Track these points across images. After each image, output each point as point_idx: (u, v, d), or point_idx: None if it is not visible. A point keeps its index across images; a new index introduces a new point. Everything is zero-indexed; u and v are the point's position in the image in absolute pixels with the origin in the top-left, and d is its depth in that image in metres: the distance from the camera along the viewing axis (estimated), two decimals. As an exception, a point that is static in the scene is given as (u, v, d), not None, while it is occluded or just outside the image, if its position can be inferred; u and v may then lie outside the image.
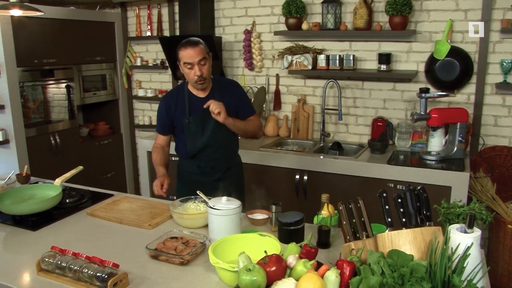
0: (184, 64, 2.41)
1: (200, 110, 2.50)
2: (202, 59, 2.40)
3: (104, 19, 4.48)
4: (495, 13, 3.19)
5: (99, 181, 4.30)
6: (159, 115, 2.64)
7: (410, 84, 3.55)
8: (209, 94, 2.56)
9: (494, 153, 3.35)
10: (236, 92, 2.66)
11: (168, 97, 2.65)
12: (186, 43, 2.41)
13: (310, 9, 3.79)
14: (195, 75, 2.41)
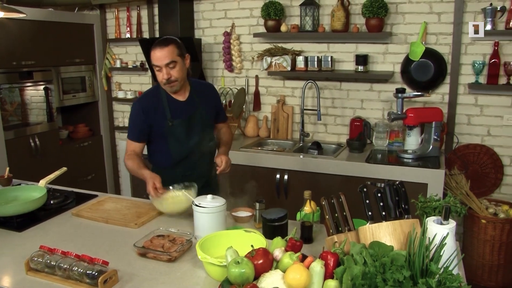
0: (153, 66, 2.30)
1: (183, 113, 2.39)
2: (171, 62, 2.24)
3: (82, 21, 4.46)
4: (467, 16, 3.31)
5: (79, 183, 4.27)
6: (133, 121, 2.40)
7: (387, 84, 3.65)
8: (189, 98, 2.44)
9: (467, 151, 3.48)
10: (215, 96, 2.61)
11: (143, 100, 2.42)
12: (156, 44, 2.27)
13: (289, 11, 3.86)
14: (163, 78, 2.28)
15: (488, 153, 3.43)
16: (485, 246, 3.20)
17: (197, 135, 2.43)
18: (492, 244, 3.17)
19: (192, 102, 2.43)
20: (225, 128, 2.72)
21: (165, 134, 2.38)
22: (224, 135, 2.68)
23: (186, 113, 2.40)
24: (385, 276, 1.15)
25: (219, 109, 2.64)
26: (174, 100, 2.41)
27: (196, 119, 2.43)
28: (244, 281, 1.24)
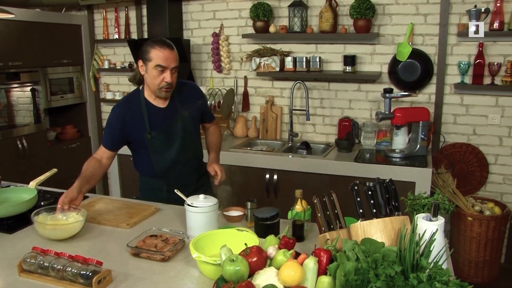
0: (155, 66, 2.12)
1: (161, 122, 2.27)
2: (176, 67, 2.17)
3: (70, 22, 4.44)
4: (452, 18, 3.38)
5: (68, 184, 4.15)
6: (109, 127, 2.30)
7: (374, 85, 3.70)
8: (170, 104, 2.31)
9: (454, 150, 3.54)
10: (199, 96, 2.47)
11: (121, 107, 2.29)
12: (162, 43, 2.14)
13: (277, 12, 3.89)
14: (164, 80, 2.15)
15: (473, 152, 3.49)
16: (471, 243, 3.26)
17: (178, 143, 2.32)
18: (478, 240, 3.23)
19: (173, 108, 2.30)
20: (213, 127, 2.63)
21: (145, 145, 2.29)
22: (212, 135, 2.61)
23: (165, 122, 2.28)
24: (377, 271, 1.18)
25: (205, 108, 2.52)
26: (154, 108, 2.28)
27: (177, 127, 2.31)
28: (239, 279, 1.26)
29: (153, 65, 2.13)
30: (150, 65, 2.14)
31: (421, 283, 1.14)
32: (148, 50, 2.14)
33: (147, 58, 2.15)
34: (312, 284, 1.27)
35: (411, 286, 1.13)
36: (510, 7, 3.22)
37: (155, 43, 2.15)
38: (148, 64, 2.15)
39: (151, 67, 2.14)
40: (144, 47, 2.18)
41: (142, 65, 2.20)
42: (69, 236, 1.90)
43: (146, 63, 2.16)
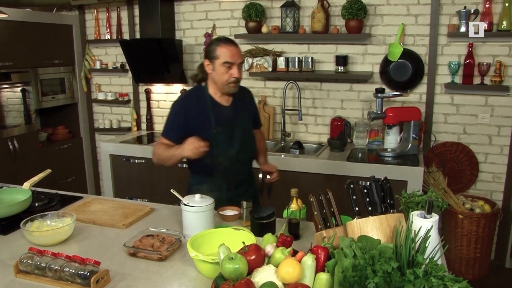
0: (223, 63, 2.17)
1: (226, 120, 2.30)
2: (242, 62, 2.25)
3: (61, 22, 4.42)
4: (442, 19, 3.42)
5: (59, 185, 4.23)
6: (173, 120, 2.30)
7: (366, 84, 3.73)
8: (232, 103, 2.35)
9: (445, 149, 3.59)
10: (253, 101, 2.54)
11: (188, 102, 2.32)
12: (226, 41, 2.22)
13: (270, 13, 3.91)
14: (232, 76, 2.20)
15: (464, 151, 3.54)
16: (462, 240, 3.31)
17: (239, 142, 2.34)
18: (469, 238, 3.28)
19: (235, 108, 2.34)
20: (259, 134, 2.61)
21: (209, 140, 2.20)
22: (260, 142, 2.58)
23: (230, 120, 2.31)
24: (374, 267, 1.20)
25: (256, 114, 2.56)
26: (219, 105, 2.31)
27: (239, 126, 2.34)
28: (238, 277, 1.27)
29: (221, 62, 2.18)
30: (218, 62, 2.19)
31: (417, 279, 1.16)
32: (214, 49, 2.20)
33: (214, 56, 2.20)
34: (310, 281, 1.28)
35: (408, 281, 1.15)
36: (499, 8, 3.27)
37: (220, 41, 2.21)
38: (215, 62, 2.20)
39: (218, 65, 2.19)
40: (208, 46, 2.25)
41: (208, 64, 2.24)
42: (59, 241, 1.88)
43: (213, 61, 2.21)
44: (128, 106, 4.65)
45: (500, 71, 3.31)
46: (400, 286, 1.15)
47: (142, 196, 3.88)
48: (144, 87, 4.51)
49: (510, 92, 3.38)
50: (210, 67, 2.24)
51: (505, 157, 3.50)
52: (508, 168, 3.50)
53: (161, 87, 4.48)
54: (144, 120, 4.58)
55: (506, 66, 3.34)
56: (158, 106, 4.55)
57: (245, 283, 1.23)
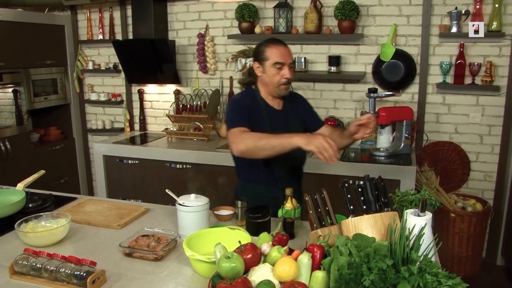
0: (273, 64, 2.10)
1: (280, 124, 2.21)
2: (292, 62, 2.17)
3: (53, 22, 4.40)
4: (434, 19, 3.45)
5: (52, 187, 4.19)
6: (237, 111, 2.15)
7: (359, 84, 3.75)
8: (284, 107, 2.28)
9: (437, 148, 3.62)
10: (305, 103, 2.43)
11: (244, 100, 2.23)
12: (275, 41, 2.15)
13: (263, 13, 3.92)
14: (283, 77, 2.12)
15: (455, 150, 3.58)
16: (454, 238, 3.34)
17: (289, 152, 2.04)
18: (460, 236, 3.31)
19: (287, 112, 2.27)
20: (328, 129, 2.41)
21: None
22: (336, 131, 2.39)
23: (283, 125, 2.21)
24: (369, 265, 1.21)
25: (313, 115, 2.42)
26: (272, 109, 2.24)
27: (291, 131, 2.15)
28: (234, 275, 1.28)
29: (271, 63, 2.12)
30: (268, 64, 2.13)
31: (412, 275, 1.18)
32: (264, 50, 2.14)
33: (264, 57, 2.13)
34: (306, 279, 1.29)
35: (403, 278, 1.17)
36: (489, 9, 3.31)
37: (268, 42, 2.15)
38: (265, 63, 2.14)
39: (269, 66, 2.13)
40: (257, 48, 2.19)
41: (258, 66, 2.18)
42: (54, 242, 1.88)
43: (263, 63, 2.14)
44: (121, 106, 4.64)
45: (491, 71, 3.35)
46: (395, 283, 1.17)
47: (135, 196, 3.87)
48: (137, 87, 4.51)
49: (500, 92, 3.42)
50: (260, 70, 2.17)
51: (496, 156, 3.54)
52: (499, 167, 3.54)
53: (154, 88, 4.48)
54: (137, 120, 4.57)
55: (496, 66, 3.38)
56: (151, 107, 4.54)
57: (242, 282, 1.24)
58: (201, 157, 3.65)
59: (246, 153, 2.00)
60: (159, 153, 3.80)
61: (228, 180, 3.58)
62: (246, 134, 2.02)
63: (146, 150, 3.85)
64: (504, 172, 3.53)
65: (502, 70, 3.39)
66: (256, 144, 1.95)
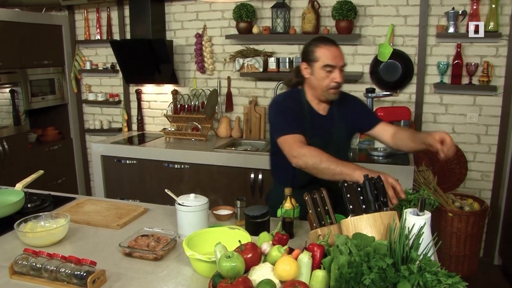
0: (323, 66, 1.95)
1: (321, 130, 2.09)
2: (344, 65, 2.01)
3: (50, 22, 4.39)
4: (431, 19, 3.47)
5: (49, 187, 4.19)
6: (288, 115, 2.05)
7: (356, 84, 3.76)
8: (329, 112, 2.13)
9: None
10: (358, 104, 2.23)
11: (288, 102, 2.10)
12: (326, 41, 1.98)
13: (260, 13, 3.92)
14: (333, 81, 1.97)
15: (453, 150, 3.58)
16: (451, 238, 3.36)
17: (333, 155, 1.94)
18: (458, 235, 3.33)
19: (332, 118, 2.12)
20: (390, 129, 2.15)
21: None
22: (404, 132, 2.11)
23: (326, 131, 2.09)
24: (369, 264, 1.22)
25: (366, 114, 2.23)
26: (315, 113, 2.11)
27: (335, 139, 2.12)
28: (235, 275, 1.28)
29: (321, 66, 1.96)
30: (317, 65, 1.98)
31: (412, 274, 1.18)
32: (313, 50, 1.98)
33: (313, 58, 1.98)
34: (307, 278, 1.30)
35: (403, 277, 1.18)
36: (486, 9, 3.33)
37: (319, 42, 1.99)
38: (314, 65, 1.99)
39: (318, 68, 1.98)
40: (306, 48, 2.03)
41: (306, 67, 2.04)
42: (53, 242, 1.87)
43: (312, 64, 1.99)
44: (118, 106, 4.64)
45: (488, 71, 3.37)
46: (395, 282, 1.17)
47: (133, 197, 3.87)
48: (135, 87, 4.50)
49: (497, 92, 3.44)
50: (308, 71, 2.03)
51: (493, 156, 3.56)
52: (496, 167, 3.56)
53: (151, 88, 4.48)
54: (135, 120, 4.57)
55: (493, 67, 3.40)
56: (149, 107, 4.54)
57: (243, 281, 1.24)
58: (199, 157, 3.65)
59: (305, 170, 1.93)
60: (157, 153, 3.80)
61: (227, 180, 3.59)
62: (306, 149, 1.89)
63: (144, 150, 3.85)
64: (501, 171, 3.55)
65: (499, 70, 3.41)
66: (316, 167, 1.86)
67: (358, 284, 1.18)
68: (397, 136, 2.11)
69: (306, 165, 1.89)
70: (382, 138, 2.18)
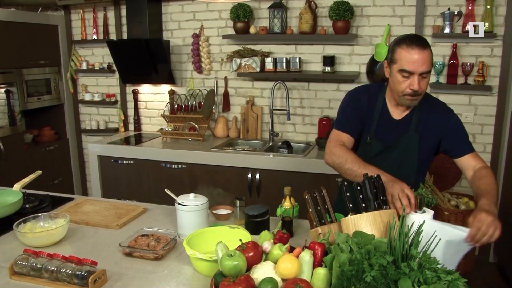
0: (399, 70, 1.79)
1: (388, 134, 1.96)
2: (427, 71, 1.78)
3: (47, 22, 4.38)
4: (427, 20, 3.49)
5: (46, 187, 4.16)
6: (343, 109, 2.02)
7: (353, 84, 3.77)
8: (406, 118, 1.95)
9: (429, 147, 3.65)
10: (451, 126, 1.95)
11: (357, 95, 2.02)
12: (411, 41, 1.76)
13: (257, 13, 3.93)
14: (409, 87, 1.79)
15: (448, 149, 3.61)
16: (448, 237, 3.37)
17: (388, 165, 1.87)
18: (454, 234, 3.34)
19: (406, 125, 1.95)
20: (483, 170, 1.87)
21: (356, 146, 2.01)
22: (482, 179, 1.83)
23: (390, 137, 1.96)
24: (370, 261, 1.23)
25: (454, 138, 1.96)
26: (387, 115, 1.97)
27: (399, 147, 1.96)
28: (237, 273, 1.29)
29: (397, 69, 1.80)
30: (395, 68, 1.82)
31: (412, 271, 1.20)
32: (394, 50, 1.82)
33: (392, 59, 1.83)
34: (308, 276, 1.31)
35: (404, 274, 1.19)
36: (481, 10, 3.35)
37: (403, 42, 1.79)
38: (393, 66, 1.83)
39: (395, 70, 1.82)
40: (391, 45, 1.87)
41: (387, 66, 1.90)
42: (53, 242, 1.88)
43: (391, 65, 1.84)
44: (115, 107, 4.63)
45: (483, 71, 3.39)
46: (396, 279, 1.19)
47: (130, 197, 3.87)
48: (132, 87, 4.50)
49: (492, 92, 3.47)
50: (387, 71, 1.89)
51: (488, 155, 3.59)
52: (491, 166, 3.59)
53: (148, 88, 4.48)
54: (131, 121, 4.57)
55: (488, 67, 3.43)
56: (145, 107, 4.54)
57: (245, 279, 1.25)
58: (196, 157, 3.66)
59: (333, 168, 1.94)
60: (154, 153, 3.80)
61: (225, 180, 3.59)
62: (337, 148, 1.89)
63: (141, 150, 3.85)
64: (496, 170, 3.58)
65: (494, 70, 3.44)
66: (340, 166, 1.86)
67: (359, 282, 1.20)
68: (472, 180, 1.89)
69: (333, 163, 1.91)
70: (463, 172, 1.99)
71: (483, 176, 1.82)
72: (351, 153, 1.87)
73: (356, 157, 1.83)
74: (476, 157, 1.94)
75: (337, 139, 1.96)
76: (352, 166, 1.80)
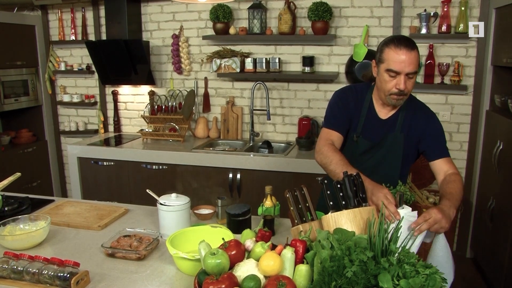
0: (386, 70, 1.83)
1: (374, 133, 2.00)
2: (413, 72, 1.81)
3: (23, 22, 4.31)
4: (404, 21, 3.56)
5: (24, 190, 4.11)
6: (331, 108, 2.07)
7: (332, 84, 3.83)
8: (391, 118, 2.01)
9: (407, 146, 3.72)
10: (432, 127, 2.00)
11: (348, 93, 2.06)
12: (399, 42, 1.80)
13: (237, 14, 3.95)
14: (395, 87, 1.83)
15: (426, 147, 3.68)
16: (426, 233, 3.44)
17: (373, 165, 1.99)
18: (432, 231, 3.41)
19: (391, 124, 2.00)
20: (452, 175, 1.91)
21: (344, 144, 2.06)
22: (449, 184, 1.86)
23: (377, 136, 2.01)
24: (351, 257, 1.26)
25: (433, 141, 1.99)
26: (373, 115, 2.02)
27: (385, 146, 2.01)
28: (220, 271, 1.30)
29: (385, 68, 1.84)
30: (382, 67, 1.86)
31: (391, 266, 1.23)
32: (381, 50, 1.86)
33: (380, 58, 1.86)
34: (290, 273, 1.33)
35: (383, 268, 1.22)
36: (456, 11, 3.44)
37: (391, 42, 1.82)
38: (381, 66, 1.87)
39: (382, 70, 1.85)
40: (379, 44, 1.91)
41: (374, 65, 1.94)
42: (33, 245, 1.86)
43: (379, 65, 1.88)
44: (94, 108, 4.59)
45: (459, 71, 3.48)
46: (376, 274, 1.22)
47: (111, 198, 3.84)
48: (111, 88, 4.47)
49: (467, 91, 3.56)
50: (375, 70, 1.93)
51: (465, 153, 3.68)
52: (468, 163, 3.68)
53: (128, 89, 4.45)
54: (111, 122, 4.53)
55: (463, 66, 3.51)
56: (125, 108, 4.51)
57: (228, 277, 1.27)
58: (177, 158, 3.65)
59: (319, 165, 1.99)
60: (135, 154, 3.78)
61: (206, 180, 3.60)
62: (326, 148, 1.93)
63: (121, 152, 3.82)
64: (472, 168, 3.67)
65: (469, 70, 3.53)
66: (326, 167, 1.91)
67: (340, 277, 1.22)
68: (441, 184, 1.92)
69: (321, 162, 1.96)
70: (435, 175, 2.01)
71: (452, 181, 1.86)
72: (338, 154, 1.89)
73: (342, 158, 1.85)
74: (450, 162, 1.98)
75: (326, 138, 2.01)
76: (336, 168, 1.83)
